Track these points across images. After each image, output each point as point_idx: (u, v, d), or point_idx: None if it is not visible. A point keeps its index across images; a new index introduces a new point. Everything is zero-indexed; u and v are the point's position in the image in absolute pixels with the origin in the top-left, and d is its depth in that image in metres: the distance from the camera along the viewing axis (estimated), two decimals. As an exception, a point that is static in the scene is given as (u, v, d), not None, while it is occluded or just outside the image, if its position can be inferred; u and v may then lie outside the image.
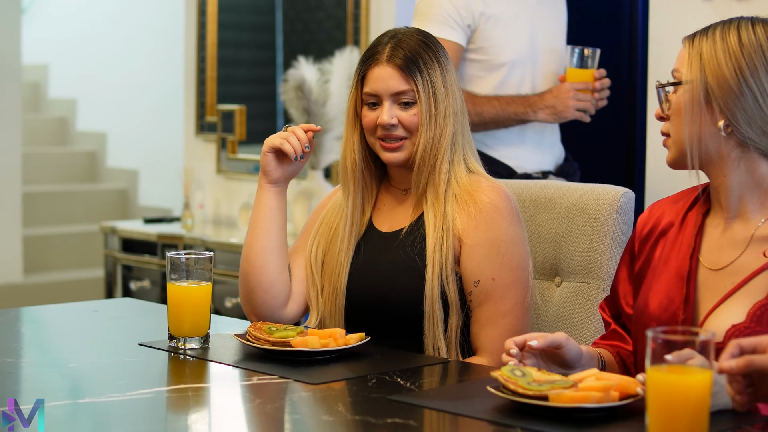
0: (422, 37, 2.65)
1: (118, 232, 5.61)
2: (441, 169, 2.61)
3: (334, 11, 5.43)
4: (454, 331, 2.57)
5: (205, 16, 5.90)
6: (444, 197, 2.60)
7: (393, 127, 2.62)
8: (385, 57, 2.63)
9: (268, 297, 2.68)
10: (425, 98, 2.60)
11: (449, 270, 2.56)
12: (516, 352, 2.15)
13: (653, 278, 2.30)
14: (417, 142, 2.61)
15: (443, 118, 2.61)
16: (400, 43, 2.63)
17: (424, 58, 2.61)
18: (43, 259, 7.05)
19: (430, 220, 2.60)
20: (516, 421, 1.94)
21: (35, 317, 3.06)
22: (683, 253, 2.26)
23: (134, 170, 7.55)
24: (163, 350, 2.51)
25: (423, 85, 2.60)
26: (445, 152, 2.61)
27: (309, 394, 2.19)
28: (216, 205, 5.84)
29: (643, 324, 2.26)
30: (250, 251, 2.68)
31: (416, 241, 2.61)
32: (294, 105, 5.02)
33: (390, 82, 2.62)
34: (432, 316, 2.55)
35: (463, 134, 2.66)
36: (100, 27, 7.82)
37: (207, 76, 5.92)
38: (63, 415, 2.00)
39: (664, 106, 2.26)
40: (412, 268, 2.58)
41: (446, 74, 2.63)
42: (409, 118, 2.61)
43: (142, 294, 5.42)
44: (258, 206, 2.70)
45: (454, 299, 2.57)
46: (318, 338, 2.40)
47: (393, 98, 2.62)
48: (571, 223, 2.78)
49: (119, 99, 7.62)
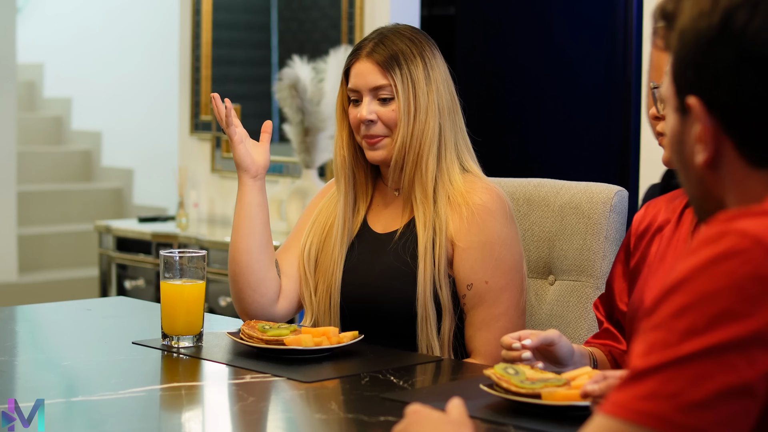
0: (409, 33, 2.64)
1: (112, 231, 5.61)
2: (427, 168, 2.59)
3: (328, 10, 5.42)
4: (447, 334, 2.56)
5: (199, 15, 5.90)
6: (434, 197, 2.59)
7: (372, 123, 2.61)
8: (365, 52, 2.62)
9: (257, 296, 2.67)
10: (403, 94, 2.58)
11: (442, 273, 2.55)
12: (518, 345, 2.15)
13: (649, 275, 2.31)
14: (395, 138, 2.61)
15: (424, 114, 2.59)
16: (383, 39, 2.62)
17: (405, 53, 2.60)
18: (38, 258, 7.04)
19: (420, 219, 2.59)
20: (509, 419, 1.94)
21: (29, 316, 3.06)
22: (680, 250, 2.27)
23: (129, 169, 7.55)
24: (156, 349, 2.51)
25: (402, 80, 2.58)
26: (430, 150, 2.59)
27: (302, 393, 2.19)
28: (210, 204, 5.84)
29: (638, 320, 2.26)
30: (236, 252, 2.68)
31: (408, 243, 2.60)
32: (289, 104, 5.02)
33: (368, 77, 2.61)
34: (425, 319, 2.54)
35: (455, 132, 2.64)
36: (95, 26, 7.82)
37: (202, 75, 5.91)
38: (57, 414, 2.00)
39: (659, 106, 2.26)
40: (404, 273, 2.57)
41: (431, 70, 2.61)
42: (387, 113, 2.60)
43: (137, 293, 5.42)
44: (241, 205, 2.68)
45: (447, 302, 2.56)
46: (311, 336, 2.40)
47: (372, 93, 2.61)
48: (564, 221, 2.78)
49: (114, 98, 7.61)
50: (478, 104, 5.15)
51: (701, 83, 1.35)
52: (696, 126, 1.36)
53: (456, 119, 2.65)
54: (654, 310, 1.29)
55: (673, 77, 1.40)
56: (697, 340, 1.24)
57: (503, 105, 5.36)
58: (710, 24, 1.34)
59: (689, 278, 1.26)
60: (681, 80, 1.38)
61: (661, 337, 1.26)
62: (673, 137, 1.42)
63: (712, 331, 1.24)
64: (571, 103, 5.15)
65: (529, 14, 5.33)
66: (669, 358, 1.25)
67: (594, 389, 1.83)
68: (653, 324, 1.28)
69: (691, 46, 1.36)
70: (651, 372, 1.26)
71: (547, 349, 2.18)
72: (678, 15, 1.39)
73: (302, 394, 2.19)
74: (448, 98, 2.63)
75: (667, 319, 1.27)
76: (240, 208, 2.68)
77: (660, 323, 1.28)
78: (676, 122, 1.41)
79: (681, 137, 1.40)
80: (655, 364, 1.26)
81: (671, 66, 1.40)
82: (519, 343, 2.15)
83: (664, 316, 1.27)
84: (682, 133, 1.40)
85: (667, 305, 1.28)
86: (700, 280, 1.26)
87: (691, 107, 1.36)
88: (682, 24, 1.38)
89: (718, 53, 1.33)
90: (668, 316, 1.27)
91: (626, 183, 4.68)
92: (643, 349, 1.28)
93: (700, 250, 1.27)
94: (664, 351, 1.26)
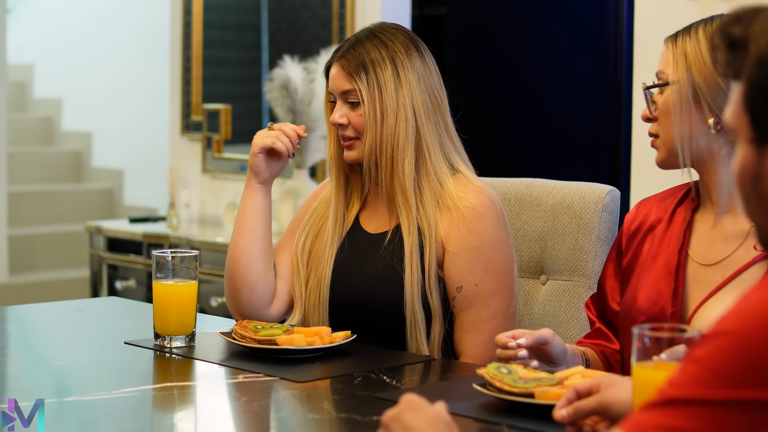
0: (385, 36, 2.62)
1: (103, 231, 5.60)
2: (404, 171, 2.57)
3: (319, 10, 5.42)
4: (437, 338, 2.55)
5: (190, 16, 5.89)
6: (421, 200, 2.58)
7: (343, 127, 2.61)
8: (337, 56, 2.63)
9: (253, 297, 2.67)
10: (369, 99, 2.58)
11: (431, 277, 2.54)
12: (514, 344, 2.14)
13: (641, 274, 2.31)
14: (363, 142, 2.60)
15: (393, 118, 2.57)
16: (356, 43, 2.62)
17: (373, 58, 2.58)
18: (29, 258, 7.03)
19: (405, 223, 2.58)
20: (502, 418, 1.94)
21: (21, 316, 3.06)
22: (672, 248, 2.27)
23: (120, 170, 7.53)
24: (148, 349, 2.51)
25: (368, 86, 2.57)
26: (404, 153, 2.57)
27: (295, 392, 2.19)
28: (201, 204, 5.83)
29: (632, 318, 2.27)
30: (236, 250, 2.68)
31: (396, 248, 2.60)
32: (279, 104, 5.02)
33: (338, 82, 2.62)
34: (414, 323, 2.53)
35: (439, 132, 2.62)
36: (85, 27, 7.80)
37: (192, 76, 5.91)
38: (49, 414, 1.99)
39: (651, 107, 2.26)
40: (391, 278, 2.56)
41: (403, 72, 2.58)
42: (355, 118, 2.60)
43: (128, 293, 5.41)
44: (246, 206, 2.69)
45: (437, 307, 2.55)
46: (304, 336, 2.39)
47: (343, 97, 2.62)
48: (556, 221, 2.78)
49: (104, 99, 7.60)
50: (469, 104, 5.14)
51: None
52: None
53: (440, 119, 2.63)
54: (704, 342, 1.27)
55: (749, 107, 1.34)
56: (734, 390, 1.23)
57: (494, 105, 5.36)
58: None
59: (747, 322, 1.24)
60: (763, 110, 1.33)
61: (700, 373, 1.25)
62: (745, 170, 1.36)
63: (753, 387, 1.22)
64: (562, 102, 5.15)
65: (520, 14, 5.33)
66: (700, 397, 1.24)
67: (563, 416, 1.81)
68: (697, 356, 1.27)
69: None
70: (679, 404, 1.25)
71: (540, 348, 2.18)
72: (750, 40, 1.33)
73: (295, 394, 2.18)
74: (426, 100, 2.60)
75: (712, 356, 1.25)
76: (244, 209, 2.69)
77: (703, 358, 1.26)
78: (751, 154, 1.35)
79: (757, 169, 1.35)
80: (684, 397, 1.25)
81: (744, 95, 1.35)
82: (514, 342, 2.15)
83: (711, 353, 1.25)
84: (758, 165, 1.34)
85: (717, 342, 1.26)
86: (756, 330, 1.23)
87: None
88: (760, 50, 1.32)
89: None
90: (714, 355, 1.25)
91: (617, 183, 4.68)
92: (680, 378, 1.27)
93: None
94: (698, 388, 1.24)
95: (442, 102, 2.64)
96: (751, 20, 1.34)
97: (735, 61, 1.36)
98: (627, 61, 4.74)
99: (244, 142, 5.77)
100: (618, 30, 4.90)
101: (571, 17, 5.15)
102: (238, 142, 5.72)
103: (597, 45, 4.99)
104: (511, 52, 5.34)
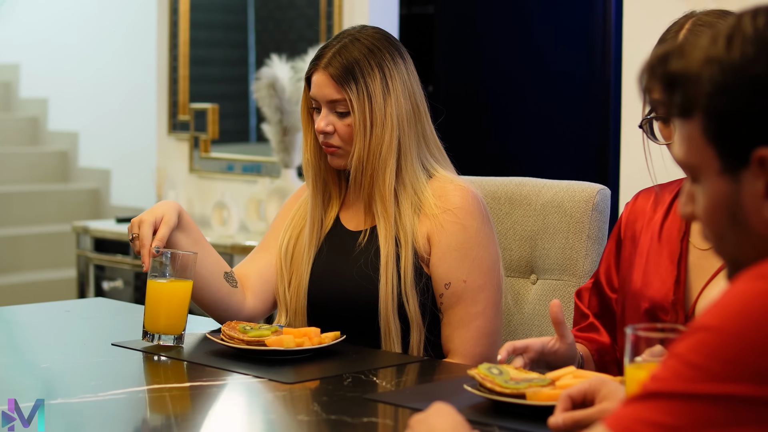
0: (370, 41, 2.59)
1: (90, 231, 5.58)
2: (385, 180, 2.56)
3: (306, 9, 5.41)
4: (416, 347, 2.54)
5: (177, 15, 5.88)
6: (398, 209, 2.57)
7: (328, 135, 2.58)
8: (323, 63, 2.58)
9: (220, 312, 2.67)
10: (359, 109, 2.55)
11: (408, 286, 2.53)
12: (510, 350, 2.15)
13: (643, 262, 2.32)
14: (352, 152, 2.58)
15: (380, 128, 2.55)
16: (342, 50, 2.57)
17: (362, 66, 2.55)
18: (15, 259, 7.00)
19: (382, 232, 2.57)
20: (493, 419, 1.93)
21: (7, 317, 3.04)
22: (673, 237, 2.29)
23: (106, 170, 7.51)
24: (136, 350, 2.49)
25: (358, 95, 2.54)
26: (387, 163, 2.55)
27: (284, 394, 2.18)
28: (189, 204, 5.82)
29: (635, 307, 2.28)
30: (199, 305, 2.68)
31: (371, 256, 2.58)
32: (267, 103, 5.01)
33: (325, 90, 2.57)
34: (387, 332, 2.53)
35: (418, 141, 2.60)
36: (71, 26, 7.77)
37: (179, 75, 5.89)
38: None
39: (664, 133, 2.26)
40: (366, 287, 2.56)
41: (391, 81, 2.57)
42: (343, 127, 2.57)
43: (115, 294, 5.40)
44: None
45: (415, 315, 2.54)
46: (293, 337, 2.38)
47: (329, 106, 2.58)
48: (546, 220, 2.77)
49: (91, 98, 7.57)
50: (457, 103, 5.15)
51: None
52: (759, 181, 1.28)
53: (419, 127, 2.61)
54: (685, 336, 1.27)
55: (713, 138, 1.29)
56: (713, 384, 1.22)
57: (483, 104, 5.35)
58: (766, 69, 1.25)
59: (727, 317, 1.24)
60: (732, 137, 1.28)
61: (680, 368, 1.25)
62: (719, 204, 1.32)
63: (732, 381, 1.22)
64: (551, 101, 5.15)
65: (508, 13, 5.33)
66: (680, 391, 1.24)
67: (558, 422, 1.80)
68: (678, 351, 1.27)
69: (746, 98, 1.26)
70: (659, 397, 1.25)
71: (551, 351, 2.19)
72: (695, 72, 1.29)
73: (284, 395, 2.17)
74: (409, 108, 2.59)
75: (692, 351, 1.25)
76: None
77: (684, 353, 1.26)
78: (724, 185, 1.31)
79: (734, 199, 1.30)
80: (665, 390, 1.25)
81: (704, 128, 1.30)
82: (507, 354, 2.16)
83: (691, 347, 1.25)
84: (735, 194, 1.30)
85: (697, 337, 1.25)
86: (735, 324, 1.23)
87: (767, 159, 1.26)
88: (714, 77, 1.28)
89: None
90: (694, 350, 1.25)
91: (606, 181, 4.68)
92: (661, 372, 1.27)
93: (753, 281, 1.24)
94: (678, 382, 1.24)
95: (421, 106, 2.63)
96: (685, 53, 1.30)
97: (680, 98, 1.31)
98: (615, 59, 4.73)
99: (231, 141, 5.76)
100: (606, 28, 4.89)
101: (560, 16, 5.15)
102: (226, 141, 5.71)
103: (586, 44, 4.99)
104: (499, 51, 5.33)
